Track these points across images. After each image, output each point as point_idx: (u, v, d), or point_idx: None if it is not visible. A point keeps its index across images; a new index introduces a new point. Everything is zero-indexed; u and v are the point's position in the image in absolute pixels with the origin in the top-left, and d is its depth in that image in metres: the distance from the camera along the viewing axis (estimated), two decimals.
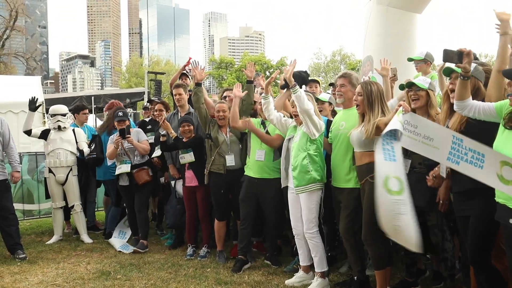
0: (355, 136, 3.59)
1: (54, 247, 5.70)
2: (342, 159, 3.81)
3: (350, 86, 3.89)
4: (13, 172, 5.29)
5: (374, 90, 3.53)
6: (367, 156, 3.50)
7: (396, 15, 8.16)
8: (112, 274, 4.52)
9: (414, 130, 2.99)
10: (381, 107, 3.51)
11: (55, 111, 6.00)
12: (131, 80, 60.60)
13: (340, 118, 3.98)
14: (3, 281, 4.35)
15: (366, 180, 3.50)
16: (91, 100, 18.07)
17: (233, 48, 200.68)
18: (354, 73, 4.02)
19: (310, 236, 3.94)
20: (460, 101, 2.86)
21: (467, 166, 2.68)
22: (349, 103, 3.88)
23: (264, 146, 4.56)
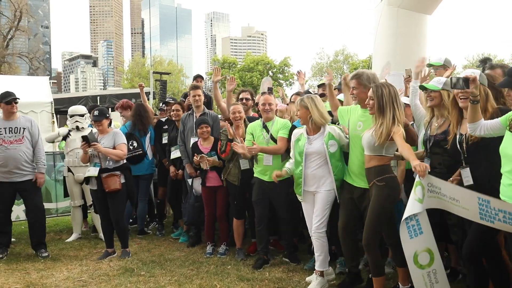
0: (366, 139, 3.57)
1: (75, 244, 5.81)
2: (360, 159, 3.75)
3: (362, 87, 3.80)
4: (37, 173, 5.35)
5: (385, 93, 3.44)
6: (375, 160, 3.53)
7: (407, 16, 8.28)
8: (135, 271, 4.63)
9: (440, 191, 3.02)
10: (392, 111, 3.41)
11: (74, 111, 6.12)
12: (133, 80, 60.72)
13: (358, 117, 3.86)
14: (30, 277, 4.46)
15: (373, 183, 3.52)
16: (96, 100, 18.21)
17: (235, 48, 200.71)
18: (366, 72, 3.88)
19: (319, 235, 4.01)
20: (472, 124, 2.98)
21: (502, 224, 2.67)
22: (365, 105, 3.75)
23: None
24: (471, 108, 2.96)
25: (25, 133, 5.27)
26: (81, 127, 6.04)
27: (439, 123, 3.63)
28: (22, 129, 5.26)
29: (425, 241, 3.01)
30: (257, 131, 4.80)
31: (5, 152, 5.14)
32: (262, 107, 4.78)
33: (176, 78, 57.48)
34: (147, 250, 5.46)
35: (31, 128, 5.35)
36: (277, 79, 52.58)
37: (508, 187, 2.72)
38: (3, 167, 5.14)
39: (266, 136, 4.71)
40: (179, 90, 54.26)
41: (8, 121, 5.25)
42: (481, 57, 42.86)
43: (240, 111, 5.04)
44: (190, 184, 5.62)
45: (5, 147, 5.16)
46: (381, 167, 3.51)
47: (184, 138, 5.77)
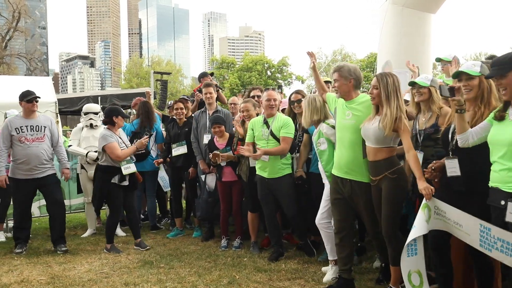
0: (372, 132, 3.48)
1: (91, 239, 5.93)
2: (349, 150, 3.70)
3: (343, 79, 3.73)
4: (64, 169, 5.56)
5: (390, 82, 3.43)
6: (384, 152, 3.47)
7: (411, 15, 8.40)
8: (154, 263, 4.75)
9: (445, 215, 3.04)
10: (396, 101, 3.40)
11: (88, 109, 6.25)
12: (132, 80, 60.73)
13: (344, 108, 3.80)
14: (53, 270, 4.58)
15: (384, 176, 3.44)
16: (97, 100, 18.25)
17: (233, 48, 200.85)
18: (346, 65, 3.84)
19: (322, 226, 4.13)
20: (462, 135, 2.94)
21: (499, 254, 2.67)
22: (348, 96, 3.77)
23: (270, 146, 4.68)
24: (458, 118, 2.91)
25: (46, 132, 5.40)
26: (95, 125, 6.16)
27: (427, 117, 3.70)
28: (43, 128, 5.38)
29: (416, 263, 3.07)
30: (257, 127, 4.84)
31: (27, 150, 5.26)
32: (266, 103, 4.79)
33: (175, 78, 57.50)
34: (162, 244, 5.59)
35: (51, 127, 5.48)
36: (275, 79, 52.76)
37: (500, 172, 2.69)
38: (25, 165, 5.25)
39: (266, 132, 4.74)
40: (178, 90, 54.36)
41: (29, 120, 5.35)
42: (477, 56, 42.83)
43: (248, 109, 5.13)
44: (203, 180, 5.74)
45: (27, 145, 5.27)
46: (391, 158, 3.48)
47: (197, 135, 5.88)
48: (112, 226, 5.42)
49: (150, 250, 5.30)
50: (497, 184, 2.71)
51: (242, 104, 5.30)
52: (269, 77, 52.73)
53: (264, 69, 53.18)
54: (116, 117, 5.31)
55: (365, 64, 48.95)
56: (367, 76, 43.07)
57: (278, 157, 4.66)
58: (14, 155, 5.30)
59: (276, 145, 4.67)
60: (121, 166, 5.19)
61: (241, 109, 5.24)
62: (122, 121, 5.46)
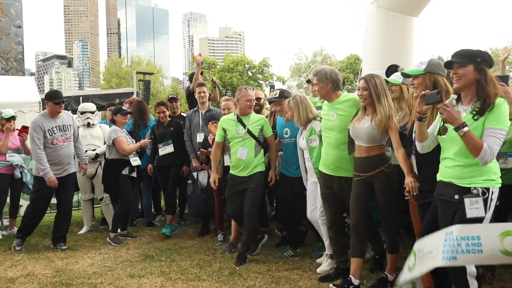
0: (364, 131, 3.58)
1: (88, 236, 6.03)
2: (336, 148, 3.87)
3: (321, 83, 3.88)
4: (82, 164, 5.72)
5: (378, 82, 3.55)
6: (376, 149, 3.60)
7: (395, 18, 8.72)
8: (155, 257, 4.90)
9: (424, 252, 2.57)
10: (387, 99, 3.54)
11: (85, 108, 6.35)
12: (111, 80, 60.16)
13: (329, 108, 3.96)
14: (56, 265, 4.69)
15: (381, 170, 3.57)
16: (79, 100, 18.17)
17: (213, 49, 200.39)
18: (324, 69, 3.96)
19: (323, 222, 4.22)
20: (421, 143, 2.98)
21: (465, 256, 2.28)
22: (329, 98, 3.94)
23: (247, 145, 4.71)
24: (419, 126, 2.92)
25: (71, 130, 5.48)
26: (92, 124, 6.27)
27: (400, 116, 3.80)
28: (69, 126, 5.44)
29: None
30: (231, 126, 4.81)
31: (60, 151, 5.31)
32: (248, 103, 4.79)
33: (155, 79, 57.19)
34: (159, 239, 5.73)
35: (73, 124, 5.55)
36: (256, 80, 53.03)
37: (454, 168, 2.75)
38: (58, 165, 5.30)
39: (242, 131, 4.73)
40: (158, 90, 54.10)
41: (55, 120, 5.35)
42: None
43: (229, 108, 5.29)
44: (196, 177, 5.91)
45: (60, 146, 5.32)
46: (383, 155, 3.64)
47: (190, 134, 6.04)
48: (121, 216, 5.70)
49: (149, 245, 5.45)
50: (450, 179, 2.77)
51: (223, 102, 5.45)
52: (250, 78, 52.95)
53: (245, 69, 53.37)
54: (115, 116, 5.57)
55: (345, 65, 49.59)
56: (347, 77, 43.67)
57: (253, 156, 4.71)
58: (46, 157, 5.22)
59: (252, 143, 4.71)
60: (129, 159, 5.60)
61: (223, 107, 5.40)
62: (121, 117, 5.76)
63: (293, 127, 4.56)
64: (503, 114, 2.67)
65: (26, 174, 6.27)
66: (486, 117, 2.67)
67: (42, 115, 5.38)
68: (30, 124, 5.35)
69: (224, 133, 4.86)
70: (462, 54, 2.76)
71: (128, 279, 4.18)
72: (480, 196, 2.67)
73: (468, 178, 2.70)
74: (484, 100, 2.68)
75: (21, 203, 6.52)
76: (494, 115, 2.66)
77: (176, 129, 6.08)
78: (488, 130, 2.65)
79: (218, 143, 4.93)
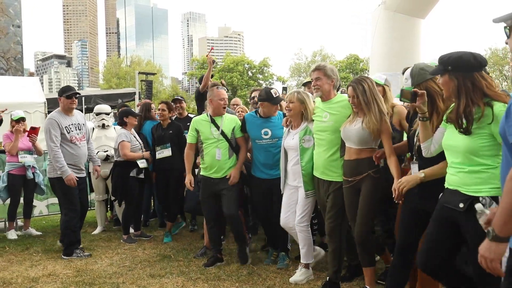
0: (354, 133, 3.49)
1: (102, 236, 6.10)
2: (328, 150, 3.77)
3: (326, 78, 3.76)
4: (95, 166, 5.61)
5: (366, 87, 3.43)
6: (366, 152, 3.50)
7: (402, 20, 8.82)
8: (173, 257, 4.98)
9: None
10: (376, 104, 3.42)
11: (100, 110, 6.44)
12: (111, 80, 60.20)
13: (322, 109, 3.86)
14: (76, 265, 4.76)
15: (367, 175, 3.45)
16: (81, 100, 18.27)
17: None
18: (328, 65, 3.89)
19: (301, 228, 4.09)
20: (425, 143, 2.85)
21: None
22: (328, 96, 3.82)
23: (221, 146, 4.59)
24: (421, 125, 2.84)
25: (85, 129, 5.31)
26: (106, 125, 6.35)
27: None
28: (83, 125, 5.28)
29: None
30: (204, 127, 4.67)
31: (78, 150, 5.13)
32: (221, 102, 4.65)
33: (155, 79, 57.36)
34: (174, 239, 5.78)
35: (85, 123, 5.39)
36: (256, 80, 53.17)
37: (458, 174, 2.54)
38: (77, 165, 5.13)
39: (216, 132, 4.61)
40: (158, 90, 54.18)
41: (70, 117, 5.15)
42: None
43: (238, 103, 5.57)
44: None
45: (77, 146, 5.13)
46: (372, 158, 3.50)
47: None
48: (129, 218, 5.77)
49: (164, 245, 5.52)
50: (455, 187, 2.56)
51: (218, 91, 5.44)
52: (251, 78, 53.10)
53: (245, 69, 53.50)
54: (126, 118, 5.65)
55: (345, 65, 49.78)
56: (346, 77, 43.84)
57: (227, 157, 4.60)
58: (63, 156, 4.99)
59: (225, 145, 4.59)
60: (137, 161, 5.61)
61: (232, 103, 5.63)
62: (133, 119, 5.79)
63: (275, 127, 4.44)
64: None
65: (39, 174, 6.34)
66: (492, 132, 2.35)
67: (57, 112, 5.14)
68: (46, 121, 5.15)
69: (197, 134, 4.68)
70: (439, 61, 2.57)
71: (149, 278, 4.26)
72: (488, 208, 2.33)
73: (474, 185, 2.46)
74: (457, 115, 2.46)
75: (34, 203, 6.60)
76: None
77: (175, 132, 5.76)
78: None
79: (190, 144, 4.75)
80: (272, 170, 4.46)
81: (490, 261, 1.77)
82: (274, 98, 4.45)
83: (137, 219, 6.00)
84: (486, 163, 2.42)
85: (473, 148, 2.43)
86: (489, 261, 1.77)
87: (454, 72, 2.47)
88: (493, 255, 1.75)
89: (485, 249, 1.78)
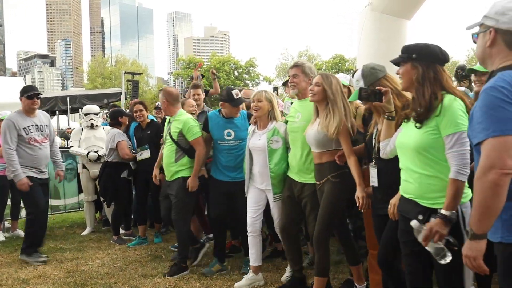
0: (312, 136, 3.39)
1: (92, 237, 6.07)
2: (302, 150, 3.64)
3: (303, 75, 3.66)
4: (59, 170, 5.38)
5: (334, 83, 3.33)
6: (328, 155, 3.35)
7: (389, 21, 8.91)
8: (164, 257, 4.99)
9: None
10: (344, 102, 3.33)
11: (89, 110, 6.40)
12: (96, 80, 59.73)
13: (295, 109, 3.77)
14: (66, 266, 4.74)
15: (327, 179, 3.35)
16: (66, 100, 18.09)
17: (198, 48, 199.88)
18: (307, 63, 3.79)
19: (255, 232, 4.00)
20: (384, 141, 2.74)
21: None
22: (304, 94, 3.69)
23: (168, 148, 4.47)
24: (386, 124, 2.71)
25: (47, 130, 5.13)
26: (95, 125, 6.32)
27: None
28: (45, 127, 5.11)
29: None
30: (165, 127, 4.63)
31: (38, 152, 4.97)
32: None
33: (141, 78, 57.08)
34: (165, 240, 5.79)
35: (50, 125, 5.22)
36: (243, 80, 53.23)
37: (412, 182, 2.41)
38: (36, 167, 4.98)
39: (165, 133, 4.54)
40: (144, 90, 53.93)
41: (32, 118, 5.00)
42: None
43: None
44: None
45: (37, 147, 4.97)
46: (335, 162, 3.35)
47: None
48: (119, 219, 5.79)
49: (154, 245, 5.52)
50: (411, 196, 2.41)
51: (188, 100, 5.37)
52: (237, 78, 53.13)
53: (231, 70, 53.53)
54: (121, 118, 5.66)
55: (330, 65, 50.11)
56: None
57: (172, 159, 4.42)
58: (21, 158, 4.84)
59: (172, 147, 4.43)
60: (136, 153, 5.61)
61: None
62: (125, 119, 5.85)
63: (238, 128, 4.27)
64: (456, 114, 2.23)
65: None
66: (438, 124, 2.27)
67: (17, 113, 4.99)
68: (3, 122, 4.99)
69: None
70: (402, 50, 2.44)
71: (141, 278, 4.26)
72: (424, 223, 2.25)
73: (429, 193, 2.32)
74: (420, 104, 2.32)
75: (22, 204, 6.53)
76: (447, 119, 2.23)
77: (154, 133, 5.52)
78: (448, 139, 2.23)
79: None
80: (235, 172, 4.28)
81: (474, 259, 1.81)
82: (235, 100, 4.23)
83: (127, 219, 6.02)
84: (437, 167, 2.29)
85: (422, 144, 2.31)
86: (473, 260, 1.81)
87: (418, 61, 2.36)
88: (475, 253, 1.80)
89: (467, 249, 1.83)
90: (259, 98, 3.91)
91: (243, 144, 4.18)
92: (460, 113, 2.22)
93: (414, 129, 2.35)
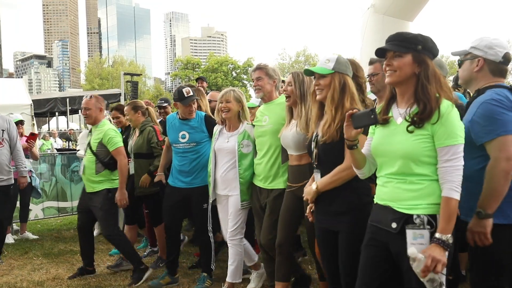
0: (289, 139, 3.23)
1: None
2: (267, 155, 3.52)
3: (268, 78, 3.56)
4: (20, 177, 5.03)
5: (306, 81, 3.21)
6: (308, 157, 3.04)
7: (391, 23, 8.99)
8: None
9: None
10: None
11: None
12: (93, 81, 59.65)
13: (262, 113, 3.64)
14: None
15: (306, 183, 2.96)
16: (66, 102, 18.13)
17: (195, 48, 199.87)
18: (270, 65, 3.67)
19: (234, 243, 3.75)
20: (360, 170, 2.35)
21: None
22: (269, 97, 3.60)
23: (87, 158, 4.31)
24: (351, 154, 2.29)
25: (4, 135, 4.87)
26: None
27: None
28: (1, 131, 4.85)
29: None
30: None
31: None
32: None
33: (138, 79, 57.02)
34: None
35: (9, 130, 4.93)
36: (241, 80, 53.28)
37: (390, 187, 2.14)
38: None
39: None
40: (142, 91, 53.92)
41: None
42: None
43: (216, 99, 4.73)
44: None
45: None
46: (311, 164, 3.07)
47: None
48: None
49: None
50: (386, 202, 2.14)
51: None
52: (235, 78, 53.17)
53: (229, 70, 53.57)
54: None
55: None
56: None
57: (93, 171, 4.27)
58: None
59: (92, 159, 4.29)
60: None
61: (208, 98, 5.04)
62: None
63: (193, 130, 4.05)
64: (455, 125, 2.00)
65: (35, 178, 6.34)
66: (433, 133, 2.00)
67: None
68: None
69: None
70: (398, 39, 2.12)
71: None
72: (425, 227, 1.98)
73: (408, 200, 2.04)
74: (424, 105, 2.02)
75: (30, 207, 6.58)
76: (445, 129, 1.98)
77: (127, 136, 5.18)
78: (444, 150, 1.98)
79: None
80: (189, 177, 4.05)
81: (484, 235, 2.24)
82: (185, 98, 4.01)
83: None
84: (424, 173, 2.03)
85: (413, 153, 2.03)
86: (483, 235, 2.24)
87: (421, 54, 2.07)
88: (485, 229, 2.24)
89: (479, 227, 2.25)
90: (227, 99, 3.70)
91: (199, 148, 4.02)
92: (459, 123, 2.02)
93: (400, 135, 2.07)
